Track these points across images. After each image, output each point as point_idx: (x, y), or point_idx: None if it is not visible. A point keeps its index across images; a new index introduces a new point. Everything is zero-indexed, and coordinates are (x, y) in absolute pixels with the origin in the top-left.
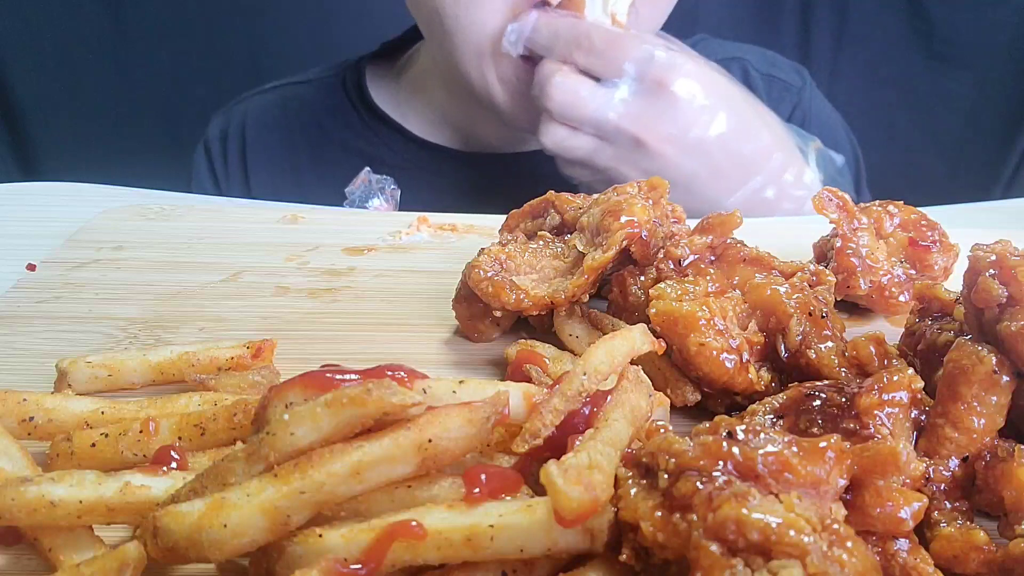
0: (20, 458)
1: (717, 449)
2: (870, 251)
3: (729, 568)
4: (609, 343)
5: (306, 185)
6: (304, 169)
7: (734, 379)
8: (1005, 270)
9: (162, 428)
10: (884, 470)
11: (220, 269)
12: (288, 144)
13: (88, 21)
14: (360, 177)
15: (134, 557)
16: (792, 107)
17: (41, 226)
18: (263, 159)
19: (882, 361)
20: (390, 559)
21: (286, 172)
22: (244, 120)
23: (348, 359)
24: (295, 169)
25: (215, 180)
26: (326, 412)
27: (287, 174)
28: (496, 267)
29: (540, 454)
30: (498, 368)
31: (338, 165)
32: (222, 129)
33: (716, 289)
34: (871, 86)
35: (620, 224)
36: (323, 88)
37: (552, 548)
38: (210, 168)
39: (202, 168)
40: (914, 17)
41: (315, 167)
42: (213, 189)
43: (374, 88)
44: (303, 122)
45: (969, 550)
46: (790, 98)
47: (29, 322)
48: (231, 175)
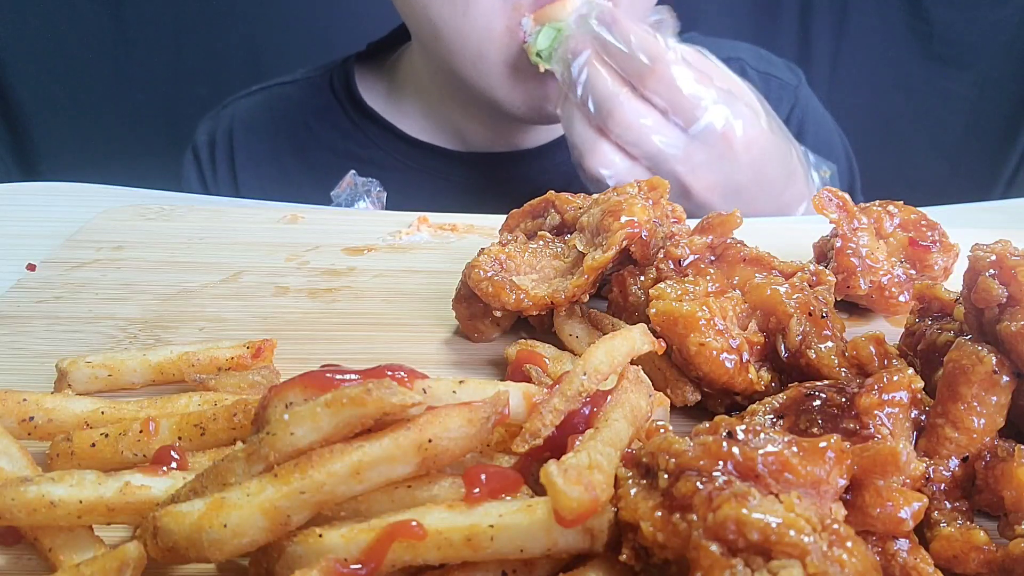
0: (20, 458)
1: (717, 449)
2: (870, 251)
3: (729, 568)
4: (609, 343)
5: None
6: (292, 171)
7: (734, 379)
8: (1005, 270)
9: (162, 428)
10: (884, 470)
11: (220, 269)
12: (275, 147)
13: (88, 21)
14: (346, 180)
15: (134, 557)
16: (790, 107)
17: (41, 226)
18: (251, 163)
19: (882, 361)
20: (390, 559)
21: (274, 175)
22: (231, 124)
23: (348, 359)
24: (283, 172)
25: (204, 186)
26: (326, 412)
27: (275, 177)
28: (496, 267)
29: (540, 454)
30: (498, 368)
31: (326, 166)
32: (209, 134)
33: (716, 289)
34: (871, 86)
35: (620, 224)
36: (310, 88)
37: (552, 548)
38: (199, 174)
39: (191, 174)
40: (914, 17)
41: (303, 169)
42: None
43: (363, 87)
44: (290, 124)
45: (969, 550)
46: (787, 97)
47: (29, 322)
48: (220, 180)
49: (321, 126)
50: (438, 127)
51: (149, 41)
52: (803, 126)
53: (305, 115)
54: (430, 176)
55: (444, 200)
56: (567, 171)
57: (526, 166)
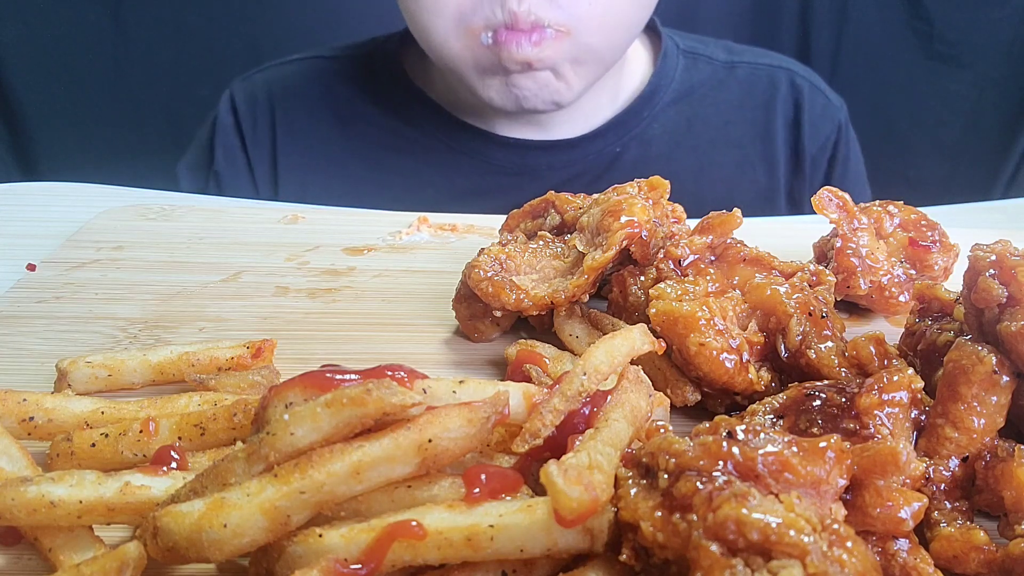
0: (20, 458)
1: (717, 449)
2: (870, 251)
3: (729, 568)
4: (609, 343)
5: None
6: (334, 142)
7: (734, 379)
8: (1005, 270)
9: (162, 428)
10: (884, 470)
11: (220, 269)
12: (316, 116)
13: (88, 21)
14: None
15: (134, 557)
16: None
17: (41, 226)
18: (292, 128)
19: (882, 361)
20: (390, 559)
21: (314, 145)
22: (270, 88)
23: (348, 359)
24: (324, 142)
25: (243, 143)
26: (326, 412)
27: (315, 147)
28: (496, 267)
29: (540, 454)
30: (498, 368)
31: (370, 140)
32: (248, 93)
33: (716, 289)
34: (871, 86)
35: (620, 224)
36: (351, 63)
37: (552, 548)
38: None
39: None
40: (914, 17)
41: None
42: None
43: (408, 64)
44: (333, 96)
45: (969, 550)
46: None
47: (29, 322)
48: (258, 140)
49: (363, 100)
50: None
51: (149, 41)
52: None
53: (347, 89)
54: (470, 157)
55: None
56: (602, 160)
57: (559, 155)
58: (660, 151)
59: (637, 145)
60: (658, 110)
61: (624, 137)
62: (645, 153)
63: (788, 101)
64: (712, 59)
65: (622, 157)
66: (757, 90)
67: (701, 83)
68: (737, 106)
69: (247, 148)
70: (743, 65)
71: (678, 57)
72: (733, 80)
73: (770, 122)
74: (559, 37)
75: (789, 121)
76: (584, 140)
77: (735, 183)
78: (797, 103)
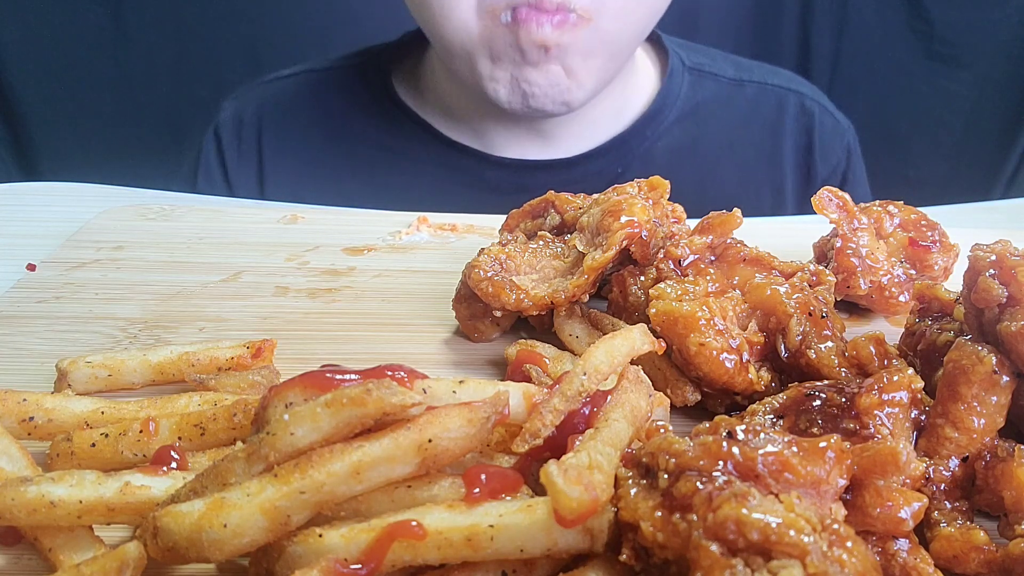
0: (20, 458)
1: (717, 449)
2: (870, 251)
3: (729, 568)
4: (609, 343)
5: (321, 177)
6: (326, 158)
7: (734, 379)
8: (1005, 270)
9: (162, 428)
10: (884, 470)
11: (220, 269)
12: (307, 133)
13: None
14: None
15: (134, 557)
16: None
17: (41, 226)
18: (279, 148)
19: (882, 361)
20: (390, 559)
21: (302, 163)
22: (261, 106)
23: (348, 359)
24: (315, 158)
25: (224, 169)
26: (326, 412)
27: (306, 163)
28: (496, 267)
29: (540, 454)
30: (498, 368)
31: (361, 156)
32: (236, 113)
33: (716, 289)
34: (871, 86)
35: (620, 224)
36: (343, 77)
37: (552, 548)
38: (219, 155)
39: (211, 154)
40: (914, 17)
41: (333, 159)
42: (220, 178)
43: (396, 82)
44: (323, 112)
45: (969, 550)
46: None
47: (29, 322)
48: (243, 163)
49: (355, 116)
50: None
51: (149, 41)
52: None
53: (339, 104)
54: (462, 175)
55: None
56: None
57: (557, 175)
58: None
59: (640, 165)
60: (663, 129)
61: (627, 156)
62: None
63: (798, 126)
64: (719, 76)
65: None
66: (764, 110)
67: (707, 101)
68: (743, 125)
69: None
70: (751, 84)
71: (684, 74)
72: (740, 98)
73: (777, 145)
74: (580, 24)
75: (801, 147)
76: (584, 159)
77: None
78: (808, 129)
